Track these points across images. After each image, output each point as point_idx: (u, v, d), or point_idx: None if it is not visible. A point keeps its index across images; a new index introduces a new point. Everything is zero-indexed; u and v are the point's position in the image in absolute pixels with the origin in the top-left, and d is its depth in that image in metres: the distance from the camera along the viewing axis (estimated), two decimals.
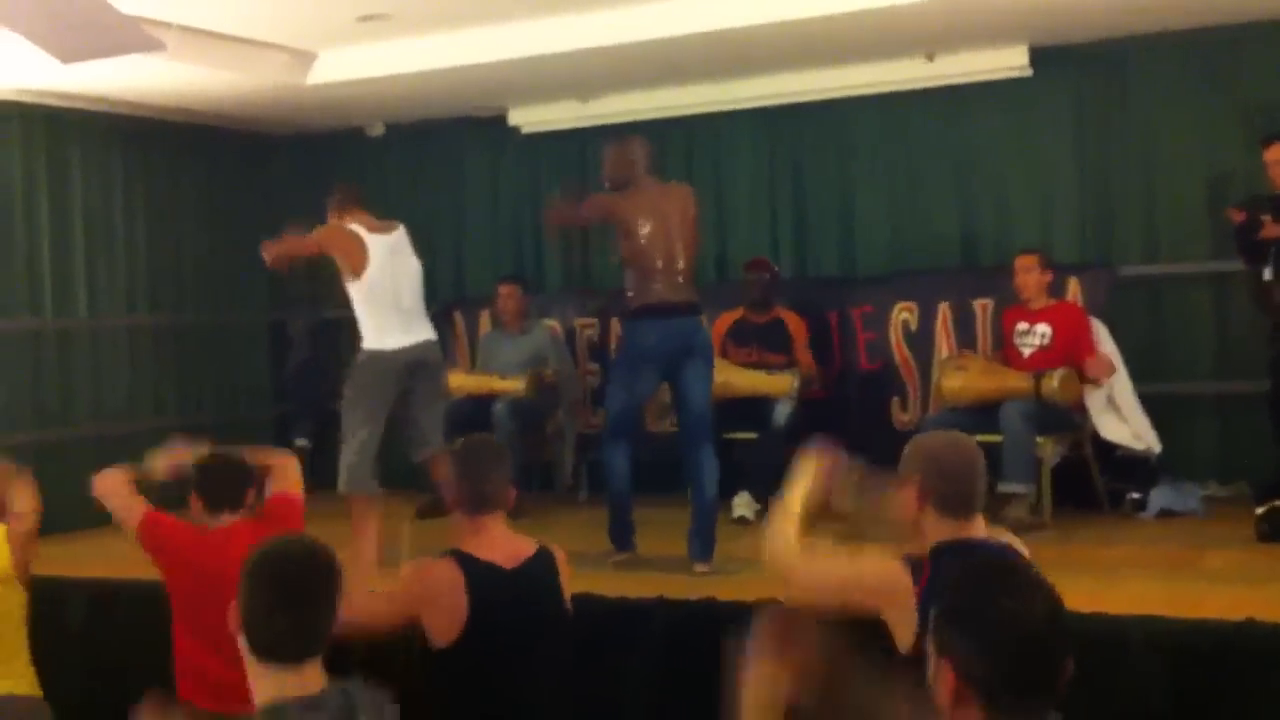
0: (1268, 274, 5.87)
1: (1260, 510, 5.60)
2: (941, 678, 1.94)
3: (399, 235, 5.75)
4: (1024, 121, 7.20)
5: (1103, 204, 7.09)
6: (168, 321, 8.18)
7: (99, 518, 7.31)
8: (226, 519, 3.82)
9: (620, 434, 5.57)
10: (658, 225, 5.44)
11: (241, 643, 2.29)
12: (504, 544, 3.42)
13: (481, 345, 7.91)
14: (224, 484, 3.88)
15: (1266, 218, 5.83)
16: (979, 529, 2.89)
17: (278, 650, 2.26)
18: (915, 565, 2.82)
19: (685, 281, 5.49)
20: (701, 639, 4.44)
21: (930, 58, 7.10)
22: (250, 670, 2.29)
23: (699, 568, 5.34)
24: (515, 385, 7.25)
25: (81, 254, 7.65)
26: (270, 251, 5.72)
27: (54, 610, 4.27)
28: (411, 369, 5.61)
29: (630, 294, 5.52)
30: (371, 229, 5.64)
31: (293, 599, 2.27)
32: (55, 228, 7.51)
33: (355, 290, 5.60)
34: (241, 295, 8.64)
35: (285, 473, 4.13)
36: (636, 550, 5.59)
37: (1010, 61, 6.99)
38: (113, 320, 7.84)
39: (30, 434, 7.25)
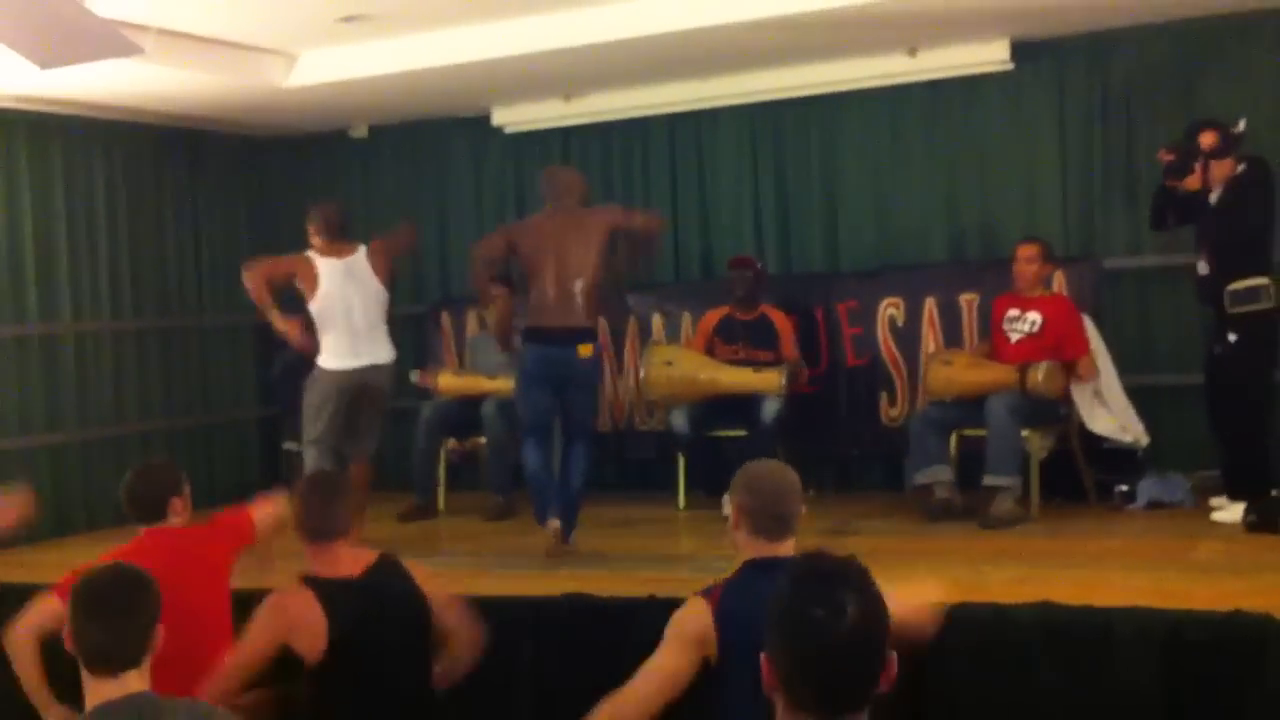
0: (1202, 267, 5.87)
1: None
2: (765, 671, 2.06)
3: (357, 257, 6.22)
4: (1007, 115, 7.20)
5: (1086, 197, 7.09)
6: (153, 325, 8.14)
7: (88, 523, 7.37)
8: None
9: (531, 435, 5.90)
10: (546, 251, 5.70)
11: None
12: (348, 558, 3.67)
13: (470, 346, 7.91)
14: (142, 497, 4.02)
15: (1197, 165, 5.76)
16: (788, 550, 3.16)
17: (95, 661, 2.60)
18: (708, 590, 3.14)
19: (578, 306, 5.70)
20: None
21: (912, 53, 7.09)
22: (84, 683, 2.64)
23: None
24: (504, 385, 7.23)
25: (65, 258, 7.61)
26: (253, 279, 6.22)
27: None
28: (356, 390, 6.18)
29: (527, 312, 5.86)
30: (327, 253, 6.15)
31: (103, 613, 2.61)
32: (38, 233, 7.47)
33: (311, 310, 6.15)
34: (226, 298, 8.60)
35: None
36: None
37: (992, 56, 6.98)
38: (97, 324, 7.80)
39: (16, 440, 7.23)
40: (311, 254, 6.23)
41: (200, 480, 8.05)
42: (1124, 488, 6.36)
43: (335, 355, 6.16)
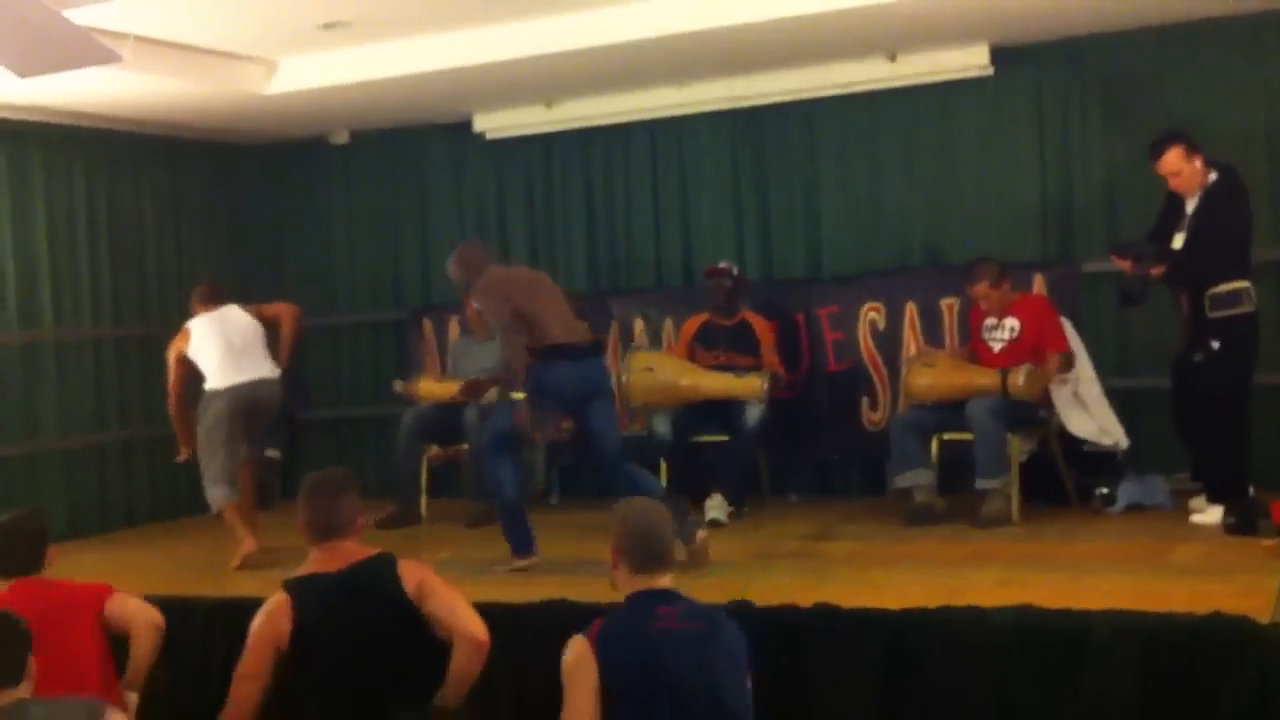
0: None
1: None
2: None
3: (228, 309, 6.66)
4: (986, 120, 7.24)
5: (1065, 200, 7.13)
6: (134, 333, 8.11)
7: (70, 530, 7.34)
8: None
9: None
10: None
11: None
12: (342, 556, 3.67)
13: (451, 352, 7.89)
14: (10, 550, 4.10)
15: (1156, 270, 5.84)
16: (666, 582, 3.39)
17: None
18: (587, 630, 3.33)
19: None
20: None
21: (892, 58, 7.12)
22: None
23: None
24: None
25: (46, 267, 7.59)
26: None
27: None
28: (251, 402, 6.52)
29: None
30: (201, 313, 6.66)
31: None
32: (18, 241, 7.45)
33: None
34: None
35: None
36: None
37: (972, 61, 7.03)
38: (78, 333, 7.78)
39: None
40: (188, 324, 6.72)
41: (181, 488, 8.07)
42: (1103, 490, 6.38)
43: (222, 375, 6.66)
